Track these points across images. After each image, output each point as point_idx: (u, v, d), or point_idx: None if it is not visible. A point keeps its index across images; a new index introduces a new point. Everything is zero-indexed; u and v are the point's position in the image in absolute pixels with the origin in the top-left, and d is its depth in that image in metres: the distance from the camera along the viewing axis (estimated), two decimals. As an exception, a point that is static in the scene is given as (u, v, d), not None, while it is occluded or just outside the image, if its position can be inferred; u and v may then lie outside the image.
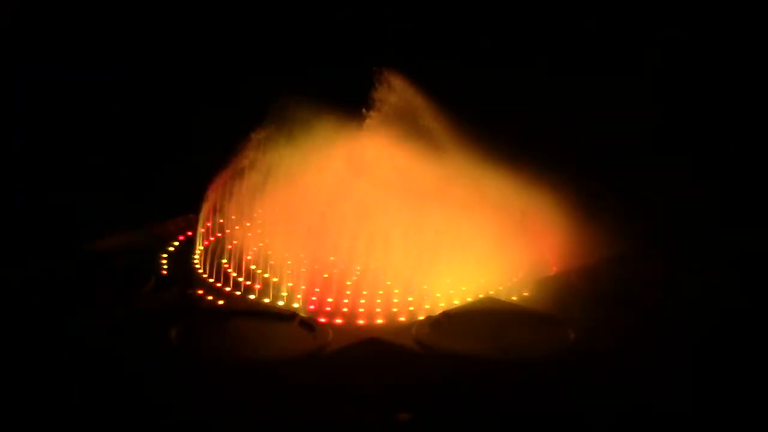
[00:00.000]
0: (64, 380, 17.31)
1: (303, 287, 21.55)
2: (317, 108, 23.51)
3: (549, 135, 26.36)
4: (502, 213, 22.45)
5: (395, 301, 21.17)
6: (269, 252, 22.56)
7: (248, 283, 22.06)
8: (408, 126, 23.56)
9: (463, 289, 21.79)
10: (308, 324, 19.49)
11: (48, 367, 17.62)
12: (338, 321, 20.34)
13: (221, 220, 24.37)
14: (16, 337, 18.43)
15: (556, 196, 23.10)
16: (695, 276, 21.75)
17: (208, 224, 24.03)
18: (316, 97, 23.50)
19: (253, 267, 22.60)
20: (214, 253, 22.88)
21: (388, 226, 21.70)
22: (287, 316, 19.97)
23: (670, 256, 22.98)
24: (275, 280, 22.02)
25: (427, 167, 22.85)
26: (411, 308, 21.05)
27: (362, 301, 21.07)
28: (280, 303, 21.29)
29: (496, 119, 24.80)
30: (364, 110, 23.62)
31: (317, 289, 21.52)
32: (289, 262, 22.63)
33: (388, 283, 21.57)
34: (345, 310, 20.92)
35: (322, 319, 20.14)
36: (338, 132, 23.50)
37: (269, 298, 21.49)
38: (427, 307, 21.09)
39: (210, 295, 21.48)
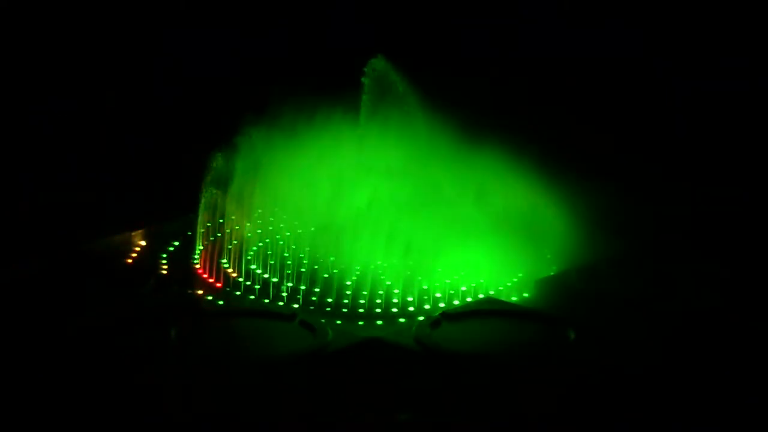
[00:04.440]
0: (64, 379, 17.30)
1: (303, 287, 21.58)
2: (315, 106, 23.61)
3: (550, 135, 26.38)
4: (502, 213, 22.50)
5: (395, 301, 21.18)
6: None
7: (248, 283, 22.08)
8: (406, 123, 23.68)
9: (463, 289, 21.80)
10: (308, 324, 19.48)
11: (48, 366, 17.62)
12: (338, 321, 20.33)
13: (221, 220, 24.38)
14: (15, 337, 18.44)
15: (557, 197, 23.15)
16: (695, 277, 21.74)
17: (208, 224, 24.03)
18: (314, 95, 23.60)
19: (253, 267, 22.66)
20: (214, 253, 22.89)
21: (388, 227, 21.75)
22: (287, 316, 19.97)
23: (669, 257, 22.97)
24: (275, 280, 22.07)
25: (426, 167, 22.89)
26: (411, 308, 21.06)
27: (362, 301, 21.10)
28: (280, 303, 21.31)
29: (497, 119, 24.82)
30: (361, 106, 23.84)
31: (317, 289, 21.55)
32: (289, 263, 22.70)
33: (388, 283, 21.60)
34: (345, 310, 20.95)
35: (322, 320, 20.11)
36: (336, 130, 23.63)
37: (269, 298, 21.51)
38: (427, 307, 21.11)
39: (210, 295, 21.49)
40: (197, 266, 23.01)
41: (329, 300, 21.26)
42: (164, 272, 22.69)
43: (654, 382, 17.58)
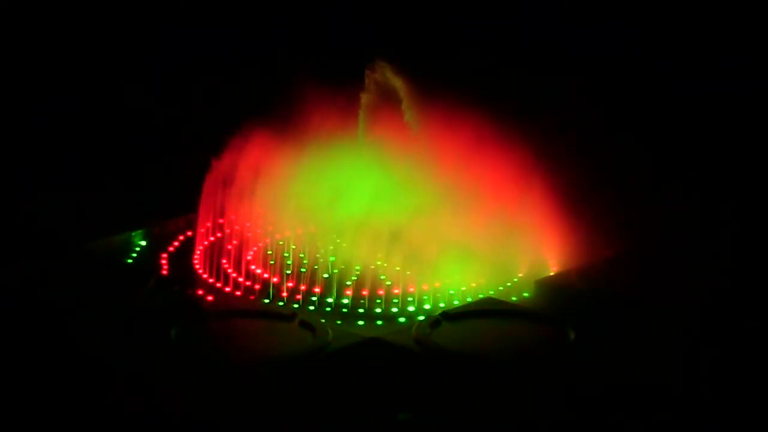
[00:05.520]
0: (64, 380, 17.31)
1: (303, 287, 21.59)
2: (315, 103, 23.63)
3: (548, 133, 26.35)
4: (502, 212, 22.49)
5: (395, 301, 21.19)
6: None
7: (248, 283, 22.09)
8: (406, 122, 23.70)
9: (463, 289, 21.80)
10: (308, 324, 19.49)
11: (48, 367, 17.62)
12: (338, 321, 20.34)
13: (221, 220, 24.38)
14: (15, 338, 18.44)
15: (556, 195, 23.13)
16: (694, 276, 21.74)
17: (208, 224, 24.03)
18: (313, 91, 23.61)
19: (253, 267, 22.67)
20: (214, 253, 22.90)
21: (388, 227, 21.76)
22: (287, 316, 19.97)
23: (669, 257, 22.97)
24: (275, 280, 22.07)
25: (425, 166, 22.89)
26: (411, 308, 21.07)
27: (362, 301, 21.10)
28: (280, 303, 21.31)
29: (494, 115, 24.78)
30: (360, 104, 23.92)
31: (317, 289, 21.55)
32: (289, 263, 22.71)
33: (388, 283, 21.60)
34: (345, 310, 20.96)
35: (323, 320, 20.12)
36: (337, 129, 23.66)
37: (269, 298, 21.52)
38: (427, 307, 21.11)
39: (210, 295, 21.49)
40: (197, 266, 23.04)
41: (329, 300, 21.27)
42: (164, 272, 22.71)
43: (654, 382, 17.59)
